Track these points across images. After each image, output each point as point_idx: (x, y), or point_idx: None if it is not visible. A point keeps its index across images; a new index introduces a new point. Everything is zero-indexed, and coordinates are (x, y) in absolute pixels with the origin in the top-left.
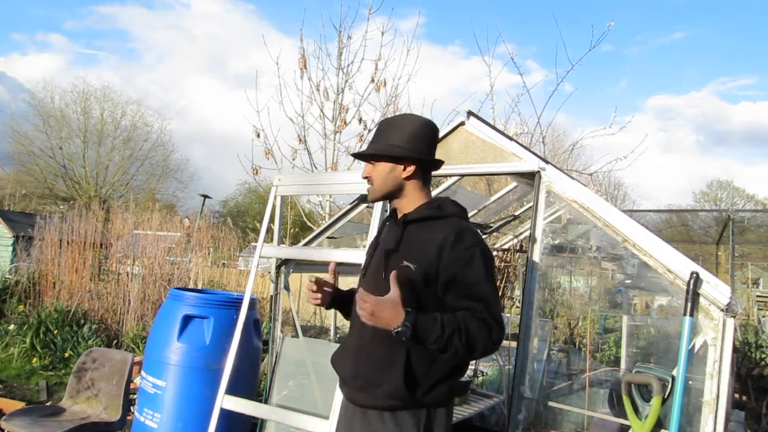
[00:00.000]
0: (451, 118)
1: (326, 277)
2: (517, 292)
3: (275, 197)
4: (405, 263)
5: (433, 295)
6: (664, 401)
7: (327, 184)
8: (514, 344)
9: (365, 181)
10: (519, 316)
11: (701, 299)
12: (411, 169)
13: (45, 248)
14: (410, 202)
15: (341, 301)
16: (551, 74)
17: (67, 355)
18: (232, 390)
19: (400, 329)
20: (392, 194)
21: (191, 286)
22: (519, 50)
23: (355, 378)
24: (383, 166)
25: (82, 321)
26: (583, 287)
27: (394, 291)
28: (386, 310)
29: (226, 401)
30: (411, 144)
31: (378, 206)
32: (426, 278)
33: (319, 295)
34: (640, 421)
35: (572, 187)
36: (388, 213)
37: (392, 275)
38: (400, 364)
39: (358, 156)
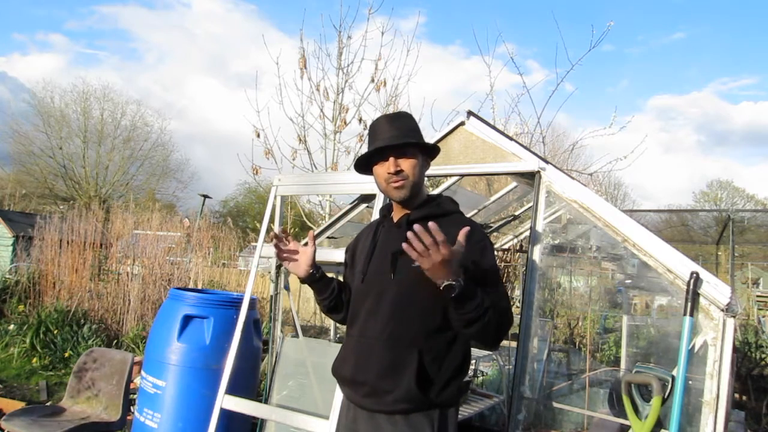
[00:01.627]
0: (451, 118)
1: (307, 248)
2: (517, 292)
3: (275, 197)
4: (416, 264)
5: None
6: (664, 401)
7: (327, 184)
8: (514, 344)
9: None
10: (519, 316)
11: (701, 299)
12: (428, 162)
13: (45, 248)
14: (416, 199)
15: (323, 282)
16: (552, 74)
17: (67, 355)
18: (232, 390)
19: (453, 283)
20: (419, 189)
21: (191, 286)
22: (520, 50)
23: (362, 385)
24: (415, 159)
25: (82, 321)
26: (583, 287)
27: (460, 248)
28: (455, 261)
29: (226, 401)
30: (422, 137)
31: (378, 205)
32: None
33: (293, 251)
34: (640, 421)
35: (572, 187)
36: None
37: (463, 231)
38: (412, 368)
39: (397, 146)
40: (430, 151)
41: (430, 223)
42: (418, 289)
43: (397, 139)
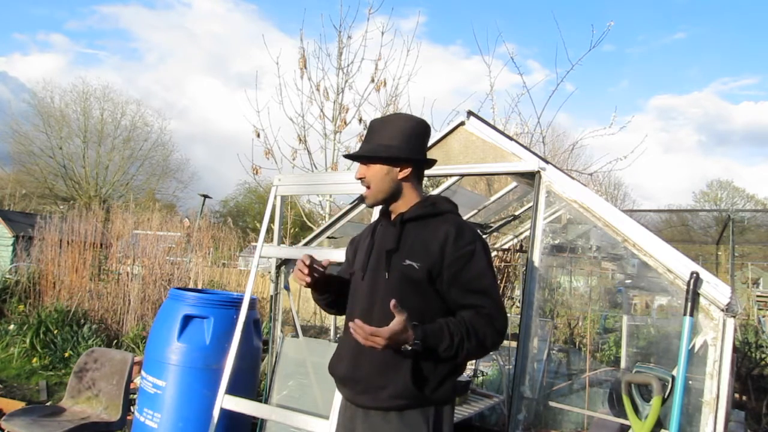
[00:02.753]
0: (451, 118)
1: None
2: (517, 292)
3: (275, 197)
4: (408, 262)
5: (436, 291)
6: (664, 401)
7: (327, 184)
8: (514, 344)
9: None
10: (519, 316)
11: (701, 299)
12: (407, 170)
13: (45, 248)
14: (406, 202)
15: (324, 283)
16: (552, 74)
17: (67, 355)
18: (232, 390)
19: (410, 347)
20: (391, 197)
21: (191, 286)
22: (521, 50)
23: (357, 382)
24: (378, 168)
25: (82, 321)
26: (583, 287)
27: (400, 317)
28: (400, 336)
29: (226, 401)
30: (407, 144)
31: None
32: (429, 275)
33: (308, 274)
34: (640, 421)
35: (572, 187)
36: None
37: (392, 305)
38: (407, 364)
39: (351, 157)
40: (419, 161)
41: (357, 323)
42: (411, 286)
43: (361, 150)
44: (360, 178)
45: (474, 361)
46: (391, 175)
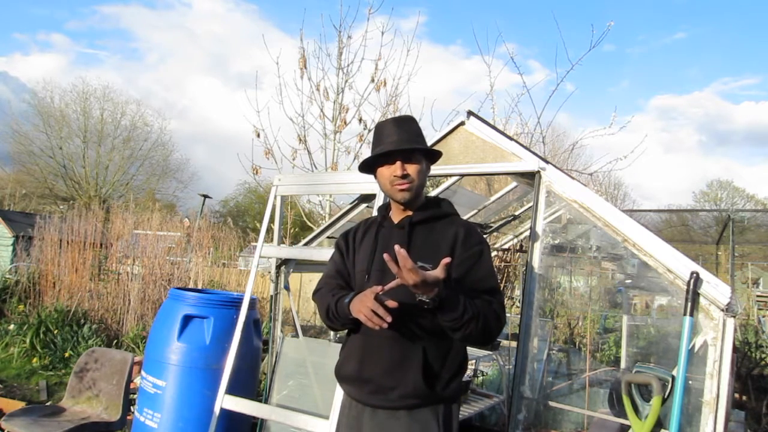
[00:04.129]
0: (451, 118)
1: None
2: (517, 292)
3: (275, 197)
4: (419, 264)
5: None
6: (664, 401)
7: (327, 184)
8: (514, 344)
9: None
10: (519, 316)
11: (701, 299)
12: (430, 167)
13: (45, 248)
14: (417, 200)
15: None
16: (552, 74)
17: (67, 355)
18: (232, 390)
19: (427, 300)
20: (421, 192)
21: (191, 286)
22: (522, 50)
23: (367, 382)
24: (420, 164)
25: (82, 321)
26: (583, 287)
27: (442, 273)
28: (432, 286)
29: (226, 401)
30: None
31: (378, 204)
32: None
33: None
34: (640, 421)
35: (572, 187)
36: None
37: (445, 261)
38: (417, 364)
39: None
40: (433, 156)
41: (401, 251)
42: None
43: (405, 143)
44: (404, 175)
45: (474, 361)
46: (426, 172)
